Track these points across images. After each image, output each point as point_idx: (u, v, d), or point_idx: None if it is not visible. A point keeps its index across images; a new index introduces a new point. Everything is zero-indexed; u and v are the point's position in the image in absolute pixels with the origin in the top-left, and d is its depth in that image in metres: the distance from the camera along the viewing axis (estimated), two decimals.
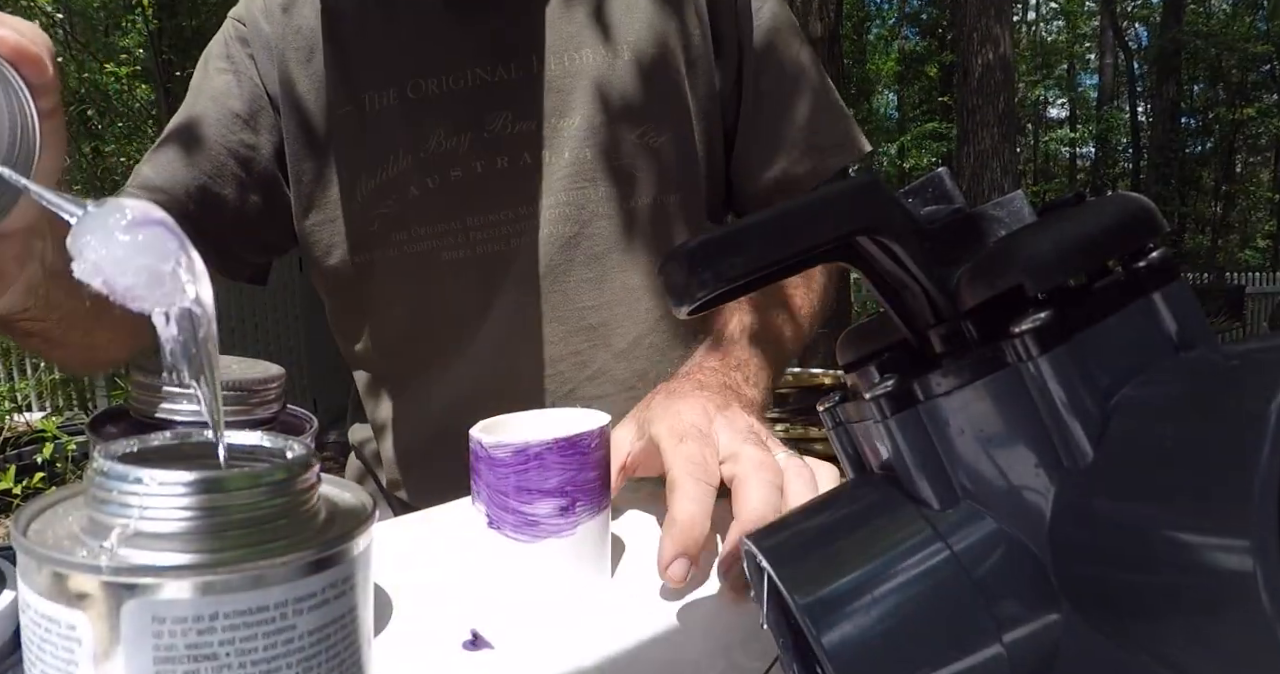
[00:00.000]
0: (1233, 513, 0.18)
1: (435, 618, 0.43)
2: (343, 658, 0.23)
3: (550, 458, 0.44)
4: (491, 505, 0.45)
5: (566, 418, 0.49)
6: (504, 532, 0.45)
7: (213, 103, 0.78)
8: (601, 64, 0.76)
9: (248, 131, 0.78)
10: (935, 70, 16.45)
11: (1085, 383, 0.24)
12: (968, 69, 6.62)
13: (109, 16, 6.83)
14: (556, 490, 0.44)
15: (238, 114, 0.78)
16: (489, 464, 0.45)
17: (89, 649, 0.21)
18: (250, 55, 0.79)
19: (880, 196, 0.27)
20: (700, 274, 0.27)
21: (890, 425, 0.26)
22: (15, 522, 0.23)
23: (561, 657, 0.39)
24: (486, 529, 0.46)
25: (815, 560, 0.27)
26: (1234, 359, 0.22)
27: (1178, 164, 15.91)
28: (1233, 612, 0.18)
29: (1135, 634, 0.22)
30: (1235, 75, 15.61)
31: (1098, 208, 0.25)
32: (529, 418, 0.50)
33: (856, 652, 0.24)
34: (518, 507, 0.44)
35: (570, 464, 0.45)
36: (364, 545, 0.24)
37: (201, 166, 0.77)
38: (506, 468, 0.44)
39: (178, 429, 0.32)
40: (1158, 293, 0.24)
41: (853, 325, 0.33)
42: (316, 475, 0.24)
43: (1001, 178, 6.44)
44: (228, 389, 0.35)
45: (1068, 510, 0.24)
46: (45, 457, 2.85)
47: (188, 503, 0.21)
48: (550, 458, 0.44)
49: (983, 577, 0.25)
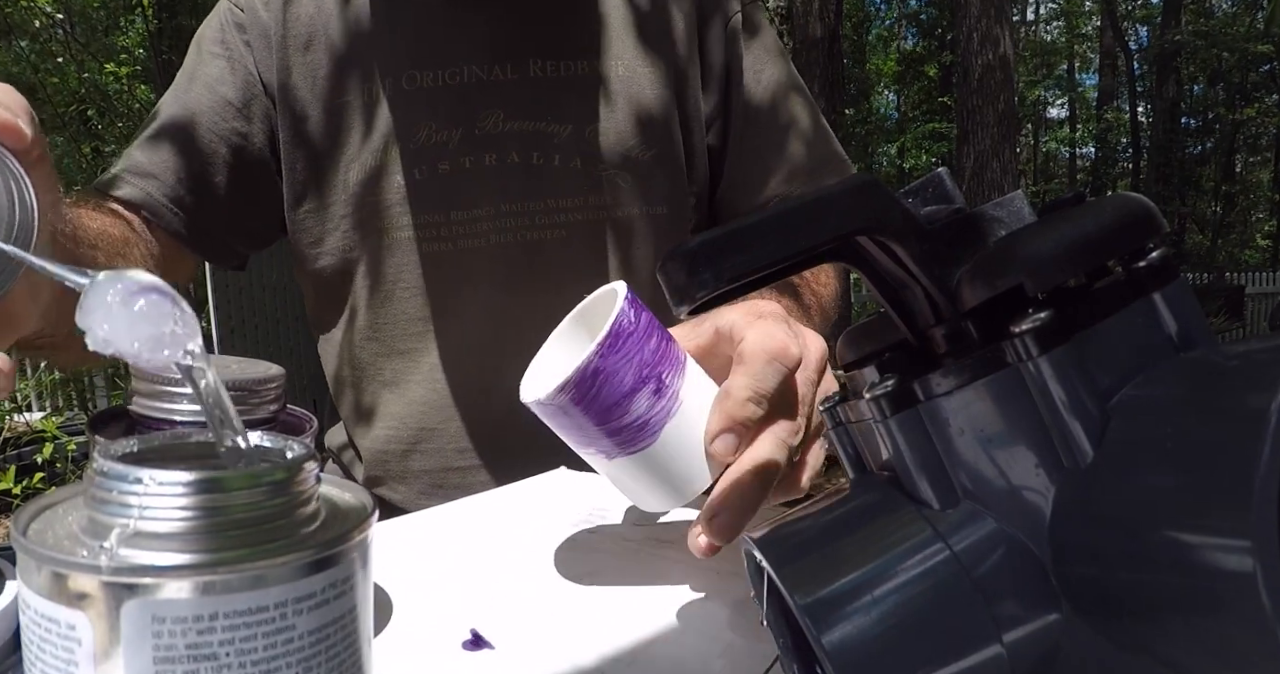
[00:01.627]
0: (1233, 513, 0.18)
1: (435, 618, 0.43)
2: (343, 658, 0.23)
3: (607, 363, 0.40)
4: (599, 442, 0.42)
5: (585, 314, 0.46)
6: (629, 452, 0.42)
7: (206, 90, 0.78)
8: (595, 75, 0.78)
9: (240, 120, 0.78)
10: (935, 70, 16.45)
11: (1085, 383, 0.24)
12: (968, 69, 6.62)
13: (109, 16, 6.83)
14: (635, 386, 0.41)
15: (230, 102, 0.78)
16: (562, 412, 0.41)
17: (89, 649, 0.21)
18: (246, 42, 0.78)
19: (880, 196, 0.27)
20: (700, 274, 0.27)
21: (890, 425, 0.26)
22: (15, 522, 0.23)
23: (561, 657, 0.39)
24: (612, 462, 0.43)
25: (815, 560, 0.27)
26: (1234, 359, 0.22)
27: (1178, 164, 15.91)
28: (1233, 612, 0.18)
29: (1135, 634, 0.22)
30: (1235, 75, 15.61)
31: (1098, 208, 0.25)
32: (555, 342, 0.47)
33: (856, 652, 0.24)
34: (619, 424, 0.41)
35: (629, 353, 0.41)
36: (364, 546, 0.24)
37: (194, 153, 0.77)
38: (579, 405, 0.41)
39: (178, 429, 0.32)
40: (1158, 293, 0.24)
41: (853, 325, 0.33)
42: (316, 475, 0.24)
43: (1001, 178, 6.44)
44: (227, 389, 0.35)
45: (1068, 510, 0.24)
46: (45, 457, 2.86)
47: (187, 503, 0.21)
48: (607, 363, 0.40)
49: (983, 577, 0.25)
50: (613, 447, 0.42)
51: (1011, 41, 6.74)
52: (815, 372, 0.46)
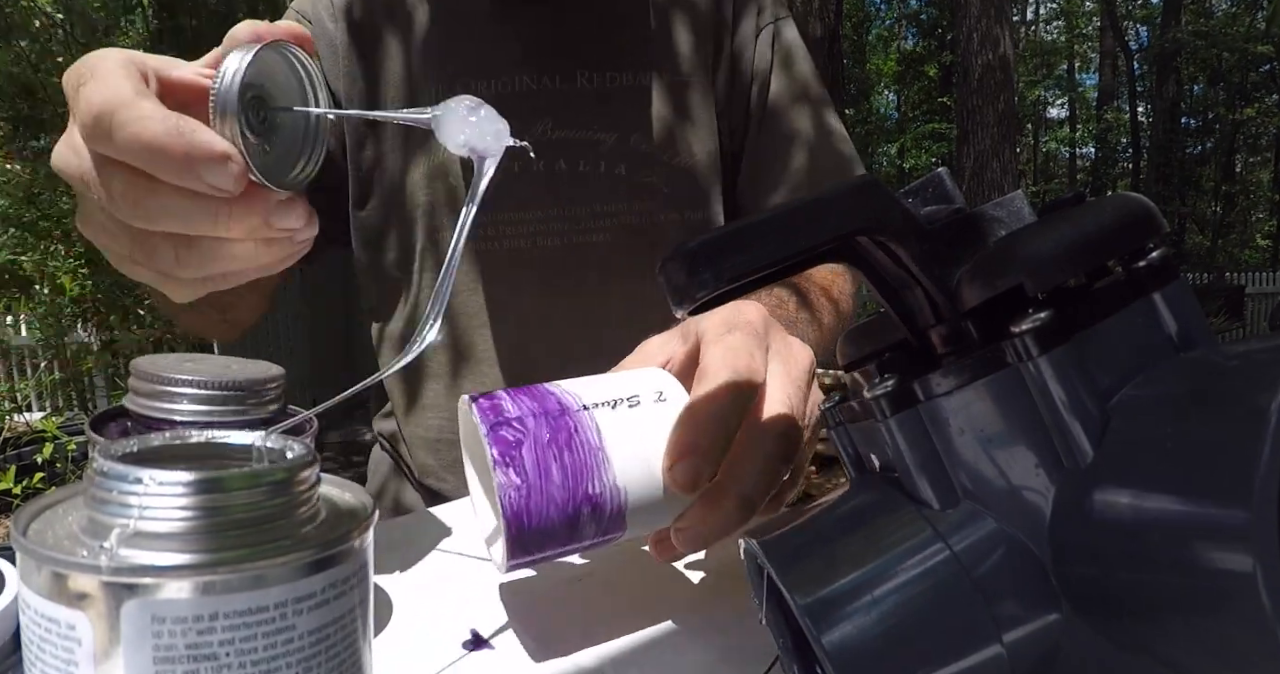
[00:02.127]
0: (1233, 513, 0.18)
1: (435, 618, 0.43)
2: (343, 658, 0.23)
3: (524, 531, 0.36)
4: (592, 547, 0.39)
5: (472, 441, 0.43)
6: (617, 536, 0.39)
7: None
8: (639, 86, 0.81)
9: None
10: (935, 70, 16.45)
11: (1085, 383, 0.24)
12: (968, 69, 6.62)
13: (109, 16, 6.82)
14: (572, 518, 0.37)
15: None
16: (533, 557, 0.38)
17: (89, 649, 0.21)
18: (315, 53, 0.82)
19: (880, 196, 0.27)
20: (700, 274, 0.27)
21: (890, 425, 0.26)
22: (15, 522, 0.23)
23: (561, 657, 0.39)
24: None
25: (815, 560, 0.27)
26: (1234, 359, 0.22)
27: (1178, 164, 15.91)
28: (1233, 612, 0.18)
29: (1135, 634, 0.22)
30: (1235, 75, 15.60)
31: (1098, 208, 0.25)
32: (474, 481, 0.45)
33: (856, 652, 0.24)
34: (586, 542, 0.38)
35: (537, 503, 0.37)
36: (364, 546, 0.24)
37: None
38: (536, 553, 0.38)
39: (178, 429, 0.32)
40: (1158, 293, 0.24)
41: (853, 325, 0.33)
42: (316, 475, 0.24)
43: (1001, 178, 6.44)
44: (227, 389, 0.35)
45: (1068, 510, 0.24)
46: (45, 457, 2.85)
47: (188, 503, 0.21)
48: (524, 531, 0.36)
49: (983, 577, 0.25)
50: (602, 545, 0.40)
51: (1011, 41, 6.74)
52: (802, 385, 0.43)
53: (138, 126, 0.32)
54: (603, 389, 0.40)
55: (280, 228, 0.35)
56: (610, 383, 0.42)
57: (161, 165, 0.32)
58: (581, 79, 0.80)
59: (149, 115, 0.32)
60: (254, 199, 0.34)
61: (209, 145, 0.32)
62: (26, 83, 4.98)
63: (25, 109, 4.94)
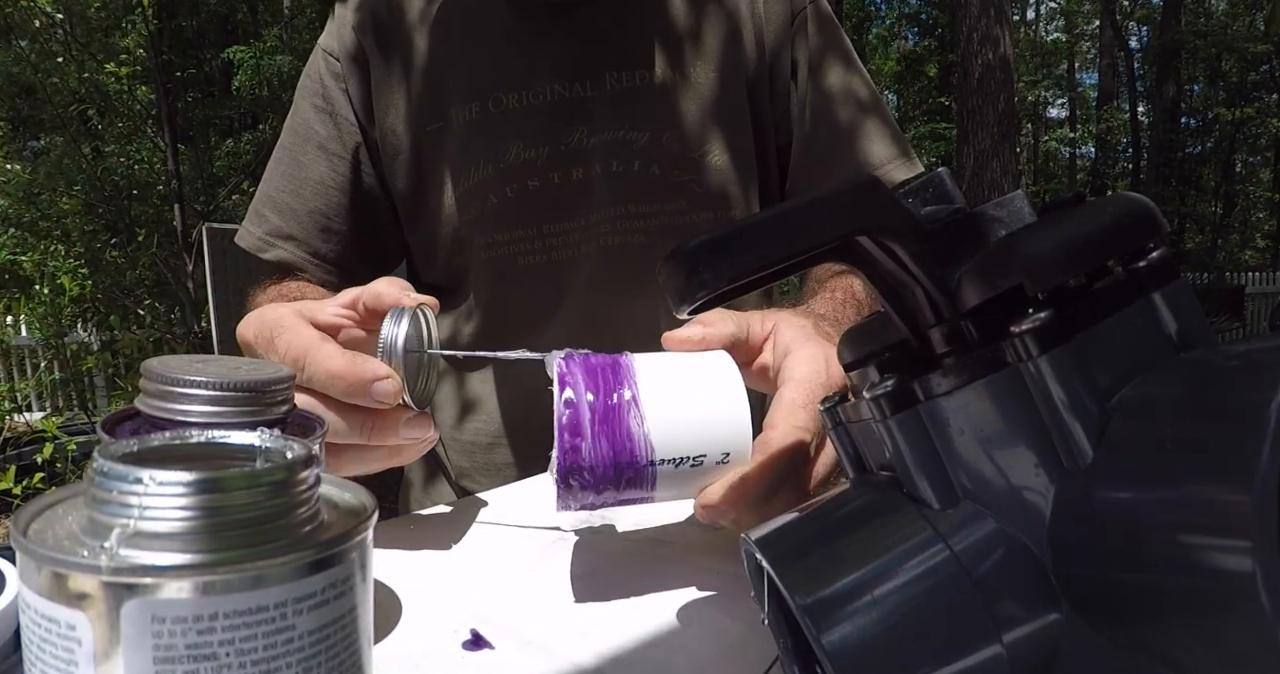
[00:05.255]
0: (1233, 513, 0.18)
1: (435, 618, 0.43)
2: (342, 658, 0.23)
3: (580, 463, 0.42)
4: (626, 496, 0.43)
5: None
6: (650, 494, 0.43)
7: (320, 152, 0.84)
8: (667, 82, 0.81)
9: (350, 169, 0.84)
10: (935, 70, 16.45)
11: (1085, 383, 0.24)
12: (968, 69, 6.62)
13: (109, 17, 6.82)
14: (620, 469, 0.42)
15: (340, 155, 0.84)
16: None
17: (89, 649, 0.21)
18: (344, 90, 0.84)
19: (880, 196, 0.27)
20: (700, 274, 0.27)
21: (890, 425, 0.26)
22: (15, 522, 0.23)
23: (561, 657, 0.39)
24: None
25: (815, 560, 0.27)
26: (1234, 359, 0.22)
27: (1178, 164, 15.90)
28: (1233, 612, 0.18)
29: (1135, 634, 0.22)
30: (1235, 75, 15.60)
31: (1098, 208, 0.25)
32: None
33: (856, 652, 0.24)
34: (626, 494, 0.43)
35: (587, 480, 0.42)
36: (364, 545, 0.24)
37: (321, 211, 0.84)
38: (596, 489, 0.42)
39: (177, 429, 0.32)
40: (1158, 293, 0.24)
41: (853, 325, 0.33)
42: (316, 475, 0.24)
43: (1001, 178, 6.43)
44: (237, 390, 0.35)
45: (1068, 510, 0.24)
46: (45, 457, 2.85)
47: (188, 503, 0.21)
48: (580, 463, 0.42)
49: (983, 577, 0.25)
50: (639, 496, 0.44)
51: (1011, 41, 6.74)
52: None
53: (328, 363, 0.45)
54: (672, 430, 0.42)
55: (408, 438, 0.48)
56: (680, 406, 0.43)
57: (340, 387, 0.45)
58: (610, 80, 0.80)
59: (333, 354, 0.45)
60: (390, 417, 0.47)
61: (376, 371, 0.45)
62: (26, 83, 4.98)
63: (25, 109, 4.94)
